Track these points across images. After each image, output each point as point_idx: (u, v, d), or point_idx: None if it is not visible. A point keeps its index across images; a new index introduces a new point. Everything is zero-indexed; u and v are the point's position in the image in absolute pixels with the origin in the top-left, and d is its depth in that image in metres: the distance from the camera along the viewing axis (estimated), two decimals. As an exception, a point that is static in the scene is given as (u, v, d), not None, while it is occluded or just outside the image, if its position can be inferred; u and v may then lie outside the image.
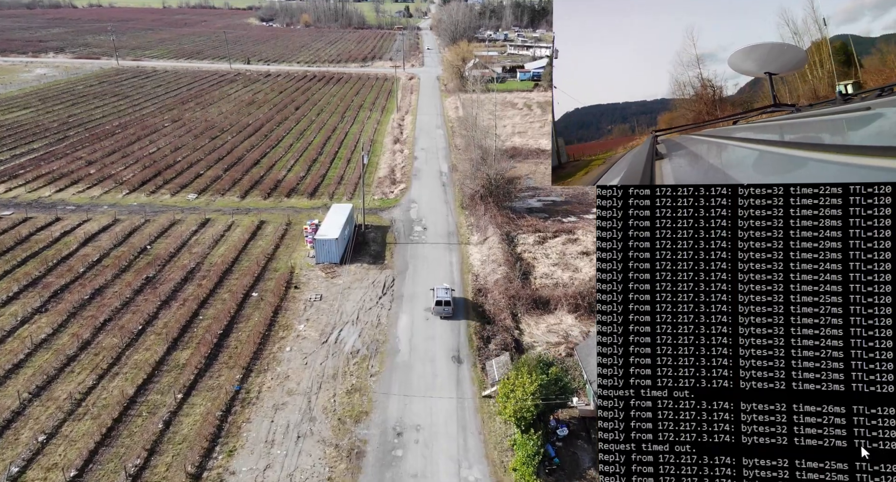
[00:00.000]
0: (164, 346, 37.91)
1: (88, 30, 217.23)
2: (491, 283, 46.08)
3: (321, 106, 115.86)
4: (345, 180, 71.92)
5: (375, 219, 60.58)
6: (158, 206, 61.86)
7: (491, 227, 55.60)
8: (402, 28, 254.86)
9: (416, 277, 48.02)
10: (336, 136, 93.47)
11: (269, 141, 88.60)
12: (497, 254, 50.82)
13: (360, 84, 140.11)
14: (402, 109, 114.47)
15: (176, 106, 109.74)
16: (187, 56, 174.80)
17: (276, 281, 46.56)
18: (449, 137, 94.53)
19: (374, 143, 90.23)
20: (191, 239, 54.00)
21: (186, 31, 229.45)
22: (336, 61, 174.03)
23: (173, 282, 45.99)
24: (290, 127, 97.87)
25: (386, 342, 38.99)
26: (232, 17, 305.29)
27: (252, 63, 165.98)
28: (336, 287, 46.13)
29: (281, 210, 61.98)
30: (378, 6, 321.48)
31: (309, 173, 74.57)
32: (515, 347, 38.93)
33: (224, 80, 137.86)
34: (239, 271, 48.23)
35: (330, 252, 49.44)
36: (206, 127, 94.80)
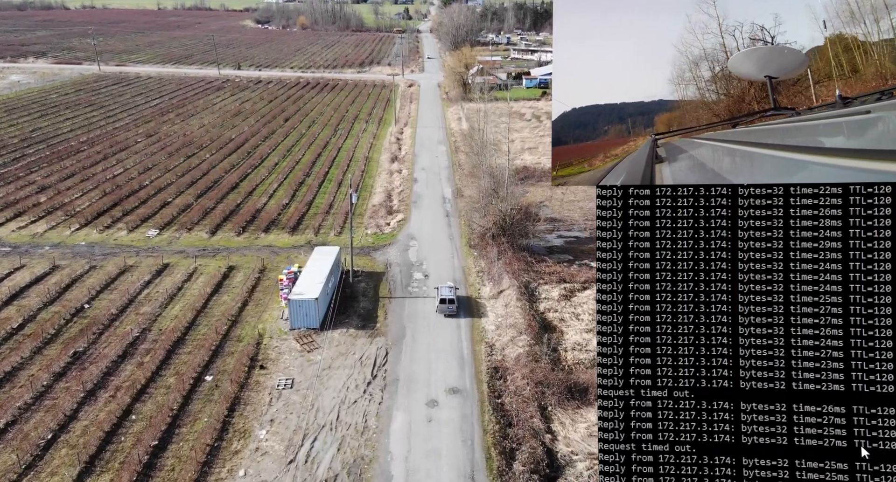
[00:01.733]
0: (76, 470, 27.74)
1: (76, 33, 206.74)
2: (511, 361, 35.90)
3: (313, 117, 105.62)
4: (334, 209, 61.69)
5: (367, 261, 50.40)
6: (110, 247, 51.62)
7: (506, 276, 45.41)
8: (402, 31, 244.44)
9: (416, 349, 37.81)
10: (328, 152, 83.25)
11: (252, 159, 78.34)
12: (515, 314, 40.63)
13: (356, 92, 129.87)
14: (400, 121, 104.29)
15: (154, 117, 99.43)
16: (175, 61, 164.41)
17: (237, 357, 36.37)
18: (452, 154, 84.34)
19: (369, 161, 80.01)
20: (141, 293, 43.78)
21: (178, 34, 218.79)
22: (332, 66, 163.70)
23: (108, 359, 35.80)
24: (278, 142, 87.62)
25: (374, 461, 28.74)
26: (227, 19, 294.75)
27: (243, 68, 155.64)
28: (313, 365, 35.92)
29: (255, 250, 51.76)
30: (377, 8, 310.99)
31: (293, 200, 64.34)
32: (548, 463, 28.80)
33: (211, 88, 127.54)
34: (193, 342, 38.01)
35: (308, 315, 39.28)
36: (183, 143, 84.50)
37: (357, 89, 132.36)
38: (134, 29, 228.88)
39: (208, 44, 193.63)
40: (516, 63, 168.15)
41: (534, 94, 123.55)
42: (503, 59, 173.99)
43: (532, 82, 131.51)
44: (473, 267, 49.29)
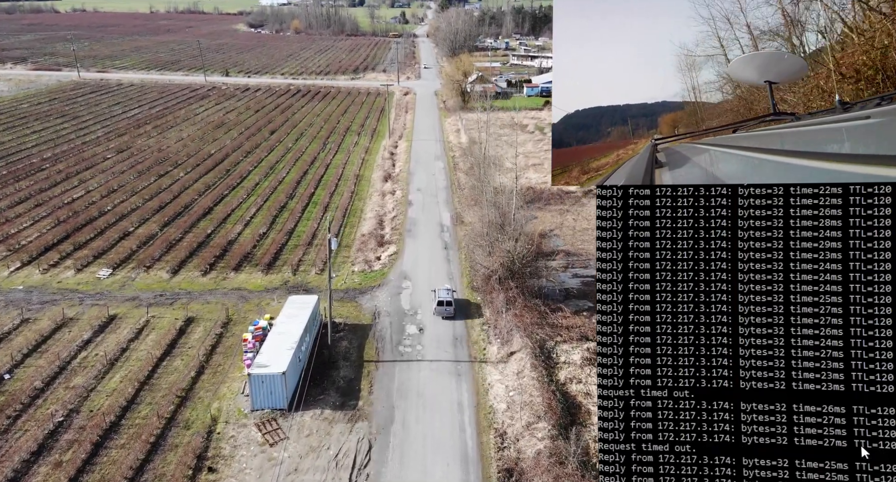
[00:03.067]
0: None
1: (61, 37, 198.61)
2: (528, 460, 28.04)
3: (302, 128, 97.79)
4: (317, 239, 53.81)
5: (352, 310, 42.56)
6: (52, 291, 43.71)
7: (517, 332, 37.64)
8: (398, 35, 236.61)
9: (407, 441, 29.96)
10: (315, 170, 75.45)
11: (231, 179, 70.48)
12: (531, 388, 32.85)
13: (349, 100, 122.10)
14: (395, 133, 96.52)
15: (129, 130, 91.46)
16: (161, 67, 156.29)
17: (181, 454, 28.47)
18: (450, 171, 76.61)
19: (359, 180, 72.21)
20: (76, 358, 35.89)
21: (168, 39, 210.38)
22: (324, 73, 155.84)
23: (18, 456, 27.88)
24: (261, 158, 79.77)
25: None
26: (220, 23, 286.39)
27: (231, 74, 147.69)
28: (274, 468, 28.04)
29: (222, 294, 43.90)
30: (373, 12, 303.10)
31: (272, 228, 56.49)
32: None
33: (195, 96, 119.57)
34: (129, 430, 30.15)
35: (274, 393, 31.45)
36: (156, 159, 76.57)
37: (350, 97, 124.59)
38: (122, 33, 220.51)
39: (197, 49, 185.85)
40: (516, 69, 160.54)
41: (536, 103, 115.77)
42: (502, 66, 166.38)
43: (533, 90, 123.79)
44: (477, 318, 41.48)
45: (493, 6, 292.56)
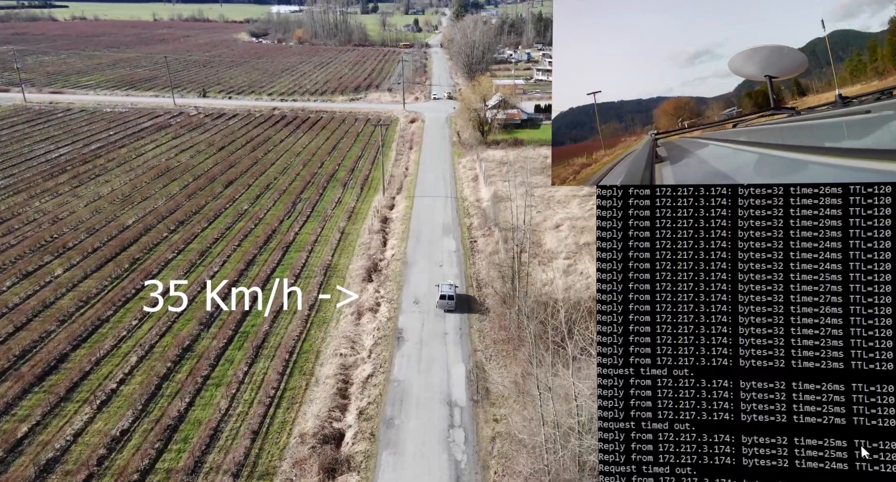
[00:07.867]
0: None
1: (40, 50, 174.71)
2: None
3: (271, 175, 72.13)
4: (250, 416, 27.86)
5: None
6: None
7: None
8: (409, 45, 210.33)
9: None
10: (267, 256, 49.64)
11: (131, 280, 44.72)
12: None
13: (342, 130, 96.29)
14: (393, 183, 70.57)
15: (36, 182, 66.14)
16: (131, 85, 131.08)
17: None
18: (466, 259, 50.46)
19: (328, 277, 46.25)
20: None
21: (156, 50, 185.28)
22: (321, 92, 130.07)
23: None
24: (195, 233, 54.08)
25: None
26: (223, 31, 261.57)
27: (210, 95, 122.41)
28: None
29: None
30: (385, 19, 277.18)
31: (139, 421, 30.62)
32: None
33: (152, 127, 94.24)
34: None
35: None
36: (36, 241, 51.00)
37: (344, 127, 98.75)
38: (108, 44, 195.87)
39: (185, 62, 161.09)
40: (542, 87, 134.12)
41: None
42: (526, 82, 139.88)
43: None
44: None
45: (511, 13, 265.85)
